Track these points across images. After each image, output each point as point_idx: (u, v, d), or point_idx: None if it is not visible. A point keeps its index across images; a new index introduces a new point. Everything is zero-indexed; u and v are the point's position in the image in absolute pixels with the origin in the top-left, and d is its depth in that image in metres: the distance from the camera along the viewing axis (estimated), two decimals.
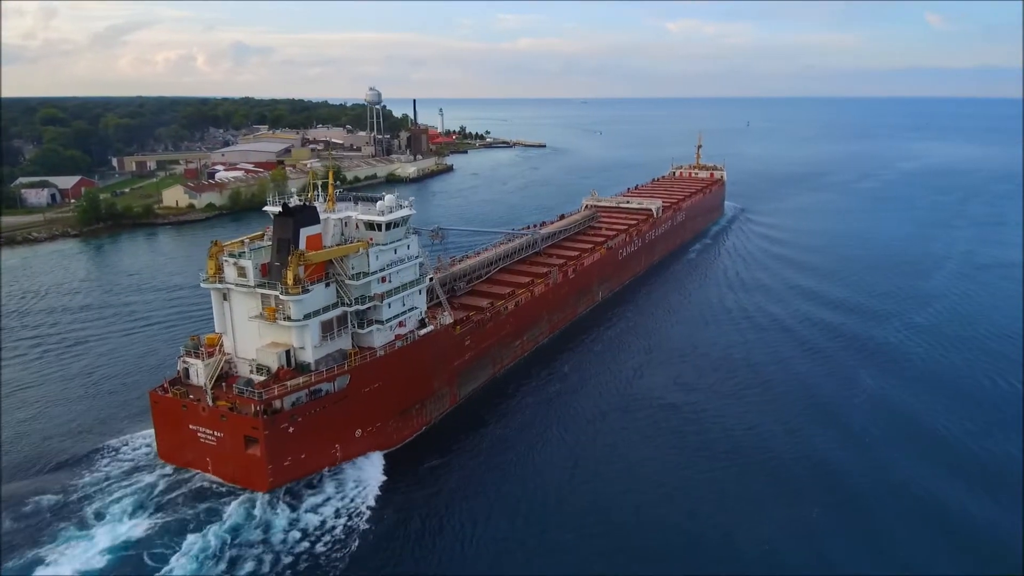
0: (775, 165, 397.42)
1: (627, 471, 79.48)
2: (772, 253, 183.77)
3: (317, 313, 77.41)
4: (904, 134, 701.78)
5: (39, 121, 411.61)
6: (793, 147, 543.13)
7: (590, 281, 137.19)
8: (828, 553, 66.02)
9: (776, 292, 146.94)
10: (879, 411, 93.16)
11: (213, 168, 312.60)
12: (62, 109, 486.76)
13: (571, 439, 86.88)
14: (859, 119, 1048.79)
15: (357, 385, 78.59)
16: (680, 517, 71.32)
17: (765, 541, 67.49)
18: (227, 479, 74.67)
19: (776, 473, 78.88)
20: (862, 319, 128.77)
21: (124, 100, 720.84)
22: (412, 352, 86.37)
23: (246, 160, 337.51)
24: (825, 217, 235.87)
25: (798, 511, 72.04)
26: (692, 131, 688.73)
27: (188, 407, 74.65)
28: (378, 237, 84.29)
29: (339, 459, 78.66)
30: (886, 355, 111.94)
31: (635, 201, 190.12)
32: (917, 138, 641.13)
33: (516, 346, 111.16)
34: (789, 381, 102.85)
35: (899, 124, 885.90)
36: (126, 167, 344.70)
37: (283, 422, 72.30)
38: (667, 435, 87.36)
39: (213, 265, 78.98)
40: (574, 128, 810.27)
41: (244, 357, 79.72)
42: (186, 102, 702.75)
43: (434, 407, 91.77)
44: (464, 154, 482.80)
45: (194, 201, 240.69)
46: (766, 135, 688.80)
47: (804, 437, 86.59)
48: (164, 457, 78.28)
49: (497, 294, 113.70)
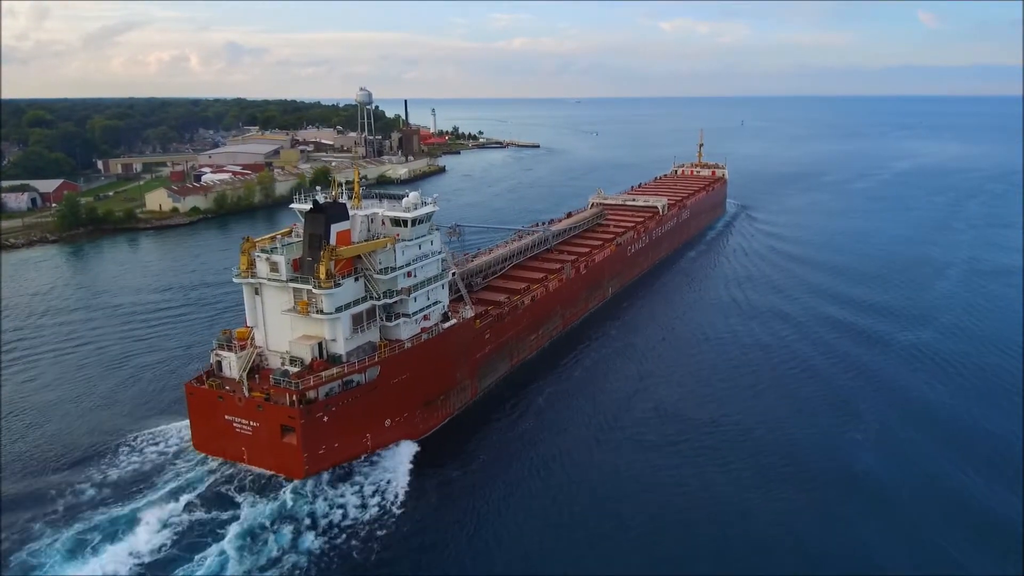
0: (770, 164, 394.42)
1: (647, 466, 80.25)
2: (777, 251, 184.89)
3: (348, 306, 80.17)
4: (897, 133, 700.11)
5: (26, 123, 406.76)
6: (788, 146, 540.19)
7: (601, 277, 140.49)
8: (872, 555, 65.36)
9: (783, 288, 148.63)
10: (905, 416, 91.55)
11: (200, 170, 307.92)
12: (51, 111, 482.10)
13: (591, 433, 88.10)
14: (852, 118, 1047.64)
15: (387, 376, 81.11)
16: (701, 515, 71.33)
17: (786, 527, 68.51)
18: (263, 467, 77.33)
19: (795, 463, 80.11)
20: (881, 320, 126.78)
21: (115, 101, 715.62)
22: (437, 344, 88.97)
23: (234, 162, 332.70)
24: (825, 217, 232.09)
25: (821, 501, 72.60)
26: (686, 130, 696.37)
27: (224, 398, 77.29)
28: (404, 233, 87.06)
29: (370, 448, 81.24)
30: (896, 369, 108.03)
31: (641, 199, 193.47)
32: (910, 137, 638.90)
33: (532, 340, 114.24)
34: (803, 374, 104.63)
35: (892, 123, 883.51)
36: (111, 170, 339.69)
37: (318, 411, 74.82)
38: (684, 429, 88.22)
39: (245, 261, 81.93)
40: (568, 128, 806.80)
41: (275, 350, 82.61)
42: (177, 103, 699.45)
43: (457, 399, 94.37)
44: (457, 155, 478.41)
45: (178, 205, 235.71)
46: (760, 134, 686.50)
47: (825, 433, 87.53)
48: (199, 447, 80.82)
49: (513, 289, 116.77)
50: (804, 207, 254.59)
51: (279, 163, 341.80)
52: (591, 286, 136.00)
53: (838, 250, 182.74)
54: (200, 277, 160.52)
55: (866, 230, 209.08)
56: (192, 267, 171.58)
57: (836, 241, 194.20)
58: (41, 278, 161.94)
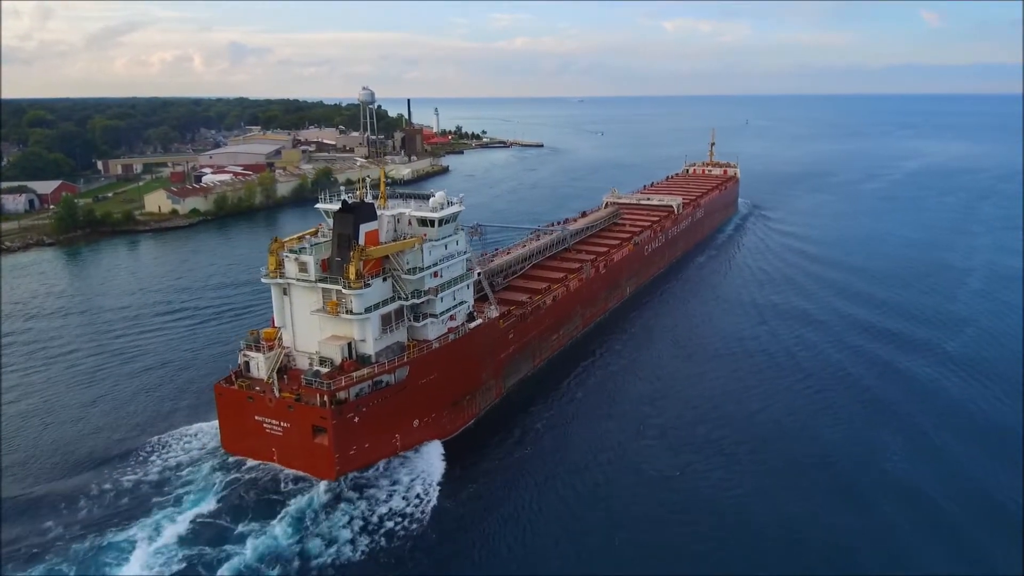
0: (776, 164, 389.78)
1: (681, 467, 79.70)
2: (794, 250, 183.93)
3: (377, 307, 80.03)
4: (901, 132, 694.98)
5: (26, 123, 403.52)
6: (791, 146, 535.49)
7: (619, 276, 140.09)
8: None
9: (803, 291, 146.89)
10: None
11: (200, 171, 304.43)
12: (52, 111, 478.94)
13: (619, 434, 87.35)
14: (855, 117, 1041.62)
15: (415, 376, 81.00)
16: (732, 516, 70.26)
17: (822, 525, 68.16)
18: (293, 468, 76.86)
19: (826, 463, 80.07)
20: (908, 329, 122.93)
21: (117, 101, 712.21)
22: (464, 344, 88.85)
23: (235, 163, 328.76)
24: (837, 219, 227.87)
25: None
26: (689, 129, 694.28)
27: (254, 399, 77.14)
28: (431, 233, 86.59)
29: (398, 448, 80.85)
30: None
31: (656, 198, 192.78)
32: (915, 136, 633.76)
33: (553, 340, 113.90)
34: (824, 369, 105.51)
35: (896, 122, 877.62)
36: (111, 170, 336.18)
37: (349, 412, 74.62)
38: (717, 430, 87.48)
39: (274, 261, 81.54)
40: (571, 128, 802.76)
41: (303, 350, 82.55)
42: (179, 103, 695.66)
43: (482, 399, 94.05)
44: (460, 154, 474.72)
45: (177, 207, 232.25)
46: (765, 133, 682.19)
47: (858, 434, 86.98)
48: (228, 448, 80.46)
49: (534, 289, 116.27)
50: (814, 208, 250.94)
51: (281, 163, 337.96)
52: (610, 286, 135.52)
53: (854, 253, 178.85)
54: (204, 279, 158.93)
55: (880, 233, 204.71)
56: (194, 269, 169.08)
57: (851, 244, 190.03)
58: (31, 283, 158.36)
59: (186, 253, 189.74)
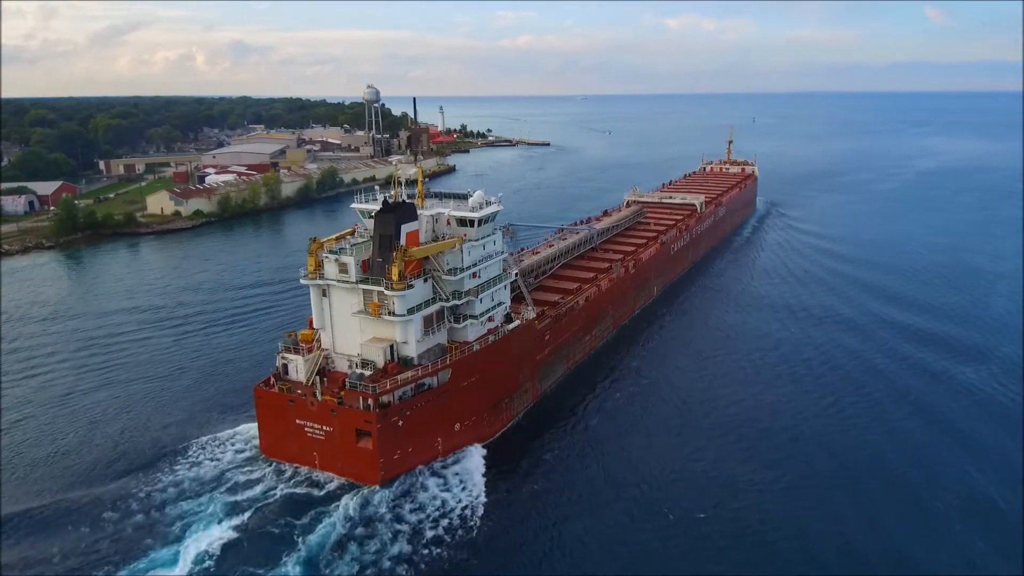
0: (788, 163, 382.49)
1: (715, 468, 78.61)
2: (818, 250, 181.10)
3: (419, 308, 78.68)
4: (913, 130, 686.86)
5: (27, 123, 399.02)
6: (803, 144, 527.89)
7: (648, 276, 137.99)
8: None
9: (835, 291, 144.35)
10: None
11: (204, 171, 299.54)
12: (54, 110, 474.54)
13: (660, 437, 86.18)
14: (863, 114, 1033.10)
15: (457, 379, 79.57)
16: (782, 530, 68.27)
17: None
18: (336, 473, 75.30)
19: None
20: (947, 337, 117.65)
21: (119, 100, 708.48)
22: (503, 346, 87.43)
23: (238, 162, 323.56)
24: (856, 220, 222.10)
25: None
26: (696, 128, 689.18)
27: (295, 402, 75.70)
28: (470, 233, 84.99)
29: (440, 452, 79.31)
30: None
31: (678, 196, 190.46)
32: (927, 134, 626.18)
33: (586, 341, 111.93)
34: (864, 378, 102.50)
35: (906, 119, 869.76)
36: (113, 170, 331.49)
37: (394, 415, 73.15)
38: (753, 435, 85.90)
39: (313, 262, 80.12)
40: (577, 126, 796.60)
41: (342, 352, 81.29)
42: (182, 102, 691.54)
43: (519, 401, 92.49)
44: (466, 153, 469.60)
45: (180, 208, 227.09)
46: (773, 132, 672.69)
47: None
48: (267, 452, 78.94)
49: (565, 289, 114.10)
50: (832, 208, 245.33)
51: (285, 163, 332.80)
52: (639, 286, 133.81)
53: (880, 256, 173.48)
54: (215, 282, 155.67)
55: (902, 236, 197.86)
56: (202, 272, 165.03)
57: (875, 247, 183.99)
58: (35, 287, 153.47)
59: (190, 256, 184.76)
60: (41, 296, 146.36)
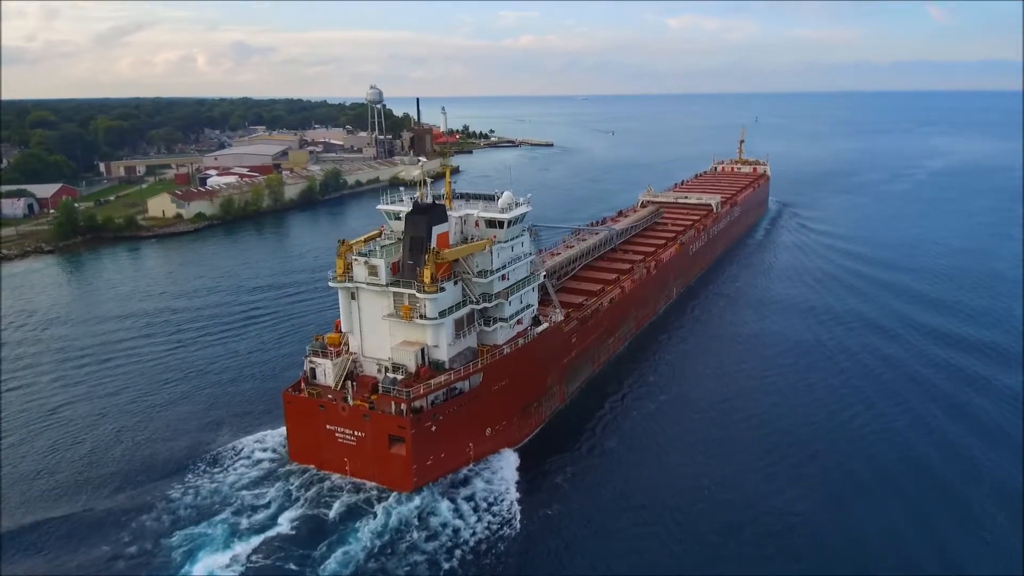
0: (796, 164, 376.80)
1: (757, 475, 77.45)
2: (836, 251, 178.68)
3: (451, 311, 77.28)
4: (921, 129, 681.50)
5: (28, 124, 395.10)
6: (808, 144, 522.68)
7: (668, 277, 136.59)
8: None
9: (861, 294, 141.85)
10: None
11: (205, 173, 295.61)
12: (56, 111, 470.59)
13: (689, 440, 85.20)
14: (868, 114, 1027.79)
15: (489, 383, 78.34)
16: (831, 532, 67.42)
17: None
18: (367, 479, 74.17)
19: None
20: (977, 350, 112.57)
21: (120, 102, 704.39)
22: (533, 349, 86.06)
23: (240, 164, 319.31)
24: (871, 222, 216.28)
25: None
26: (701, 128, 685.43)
27: (326, 407, 74.58)
28: (500, 234, 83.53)
29: (472, 458, 78.29)
30: None
31: (693, 196, 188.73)
32: (934, 133, 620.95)
33: (610, 343, 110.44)
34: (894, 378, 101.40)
35: (912, 119, 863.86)
36: (114, 172, 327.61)
37: (427, 420, 71.99)
38: (792, 441, 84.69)
39: (342, 264, 78.88)
40: (580, 126, 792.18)
41: (371, 356, 80.00)
42: (183, 103, 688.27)
43: (547, 405, 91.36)
44: (469, 154, 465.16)
45: (182, 211, 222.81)
46: (777, 131, 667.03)
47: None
48: (296, 458, 77.73)
49: (588, 291, 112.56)
50: (846, 209, 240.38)
51: (287, 165, 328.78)
52: (660, 287, 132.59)
53: (900, 260, 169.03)
54: (225, 285, 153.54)
55: (920, 239, 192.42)
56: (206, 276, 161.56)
57: (894, 250, 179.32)
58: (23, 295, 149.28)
59: (194, 259, 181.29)
60: (35, 302, 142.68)
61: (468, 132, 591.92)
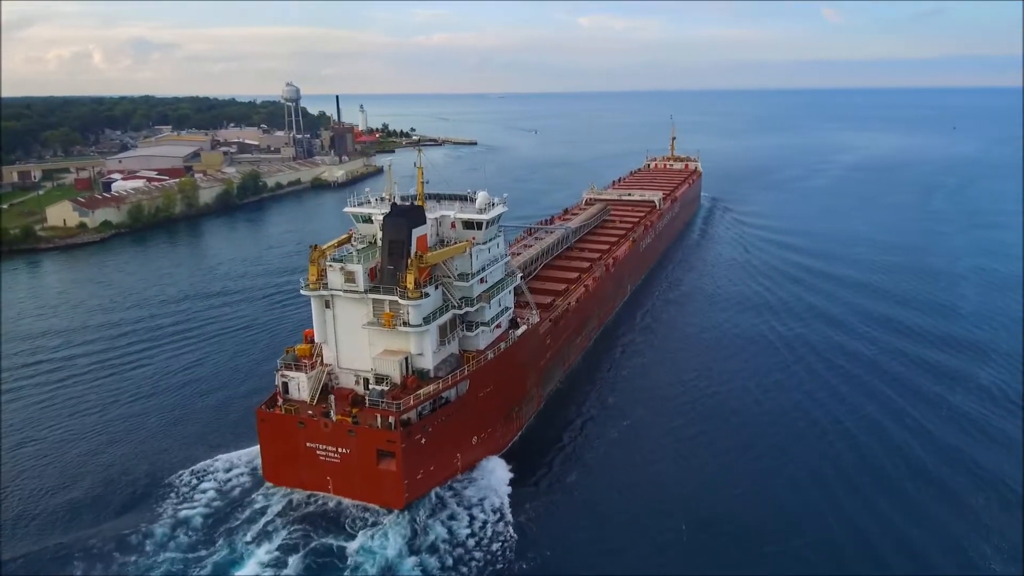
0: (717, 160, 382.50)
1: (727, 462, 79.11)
2: (773, 242, 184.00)
3: (434, 317, 74.11)
4: (830, 125, 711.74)
5: None
6: (727, 140, 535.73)
7: (623, 274, 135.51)
8: None
9: (804, 281, 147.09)
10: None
11: (109, 177, 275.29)
12: None
13: (669, 437, 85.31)
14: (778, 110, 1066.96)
15: (475, 390, 75.96)
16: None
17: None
18: (353, 498, 70.11)
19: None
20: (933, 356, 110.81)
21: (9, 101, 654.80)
22: (515, 353, 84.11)
23: (148, 167, 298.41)
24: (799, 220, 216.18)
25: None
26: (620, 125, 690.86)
27: (306, 424, 69.85)
28: (478, 236, 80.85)
29: (460, 468, 75.66)
30: None
31: (636, 193, 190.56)
32: (842, 128, 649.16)
33: (578, 342, 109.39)
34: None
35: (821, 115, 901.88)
36: (6, 178, 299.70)
37: (417, 433, 68.72)
38: (758, 423, 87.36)
39: (315, 271, 74.41)
40: (501, 124, 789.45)
41: (348, 367, 76.02)
42: (79, 102, 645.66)
43: (527, 408, 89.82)
44: (391, 153, 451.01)
45: (86, 219, 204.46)
46: (694, 129, 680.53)
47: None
48: (271, 479, 72.68)
49: (554, 290, 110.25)
50: (775, 205, 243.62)
51: (200, 167, 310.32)
52: (617, 284, 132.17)
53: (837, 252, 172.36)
54: (144, 296, 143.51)
55: (848, 234, 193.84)
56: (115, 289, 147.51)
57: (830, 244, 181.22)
58: None
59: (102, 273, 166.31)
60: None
61: (388, 131, 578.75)
